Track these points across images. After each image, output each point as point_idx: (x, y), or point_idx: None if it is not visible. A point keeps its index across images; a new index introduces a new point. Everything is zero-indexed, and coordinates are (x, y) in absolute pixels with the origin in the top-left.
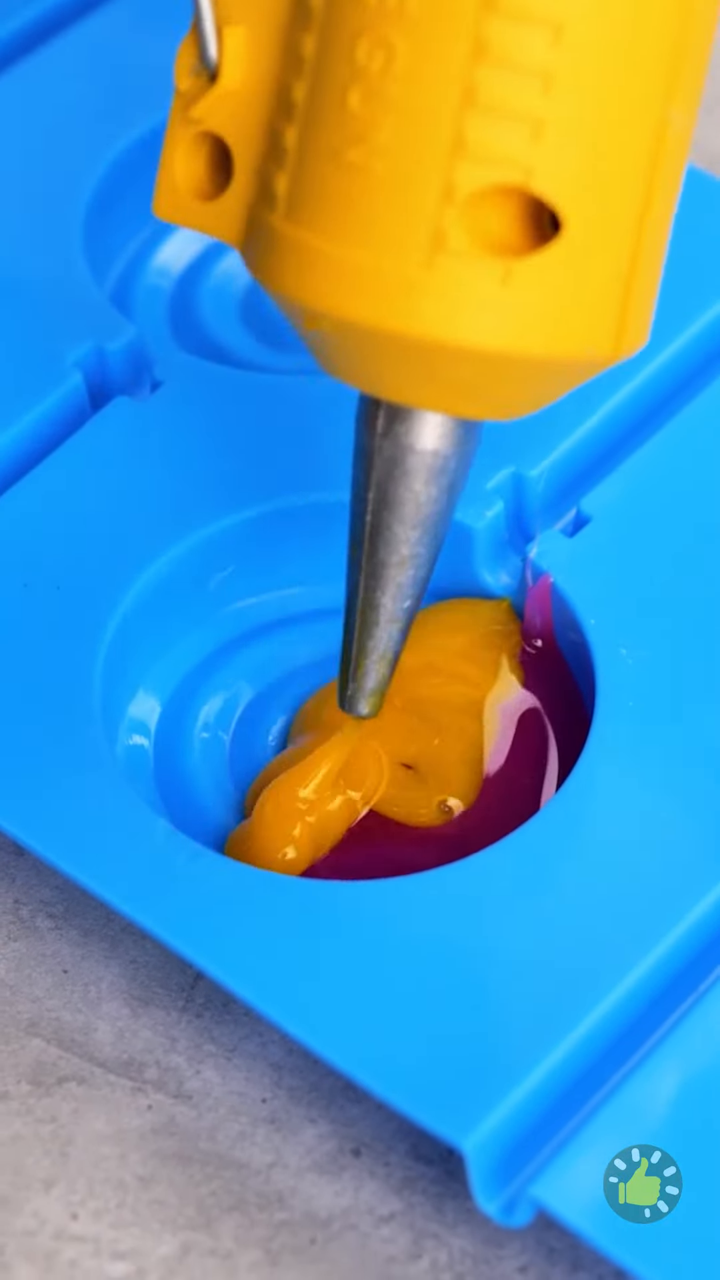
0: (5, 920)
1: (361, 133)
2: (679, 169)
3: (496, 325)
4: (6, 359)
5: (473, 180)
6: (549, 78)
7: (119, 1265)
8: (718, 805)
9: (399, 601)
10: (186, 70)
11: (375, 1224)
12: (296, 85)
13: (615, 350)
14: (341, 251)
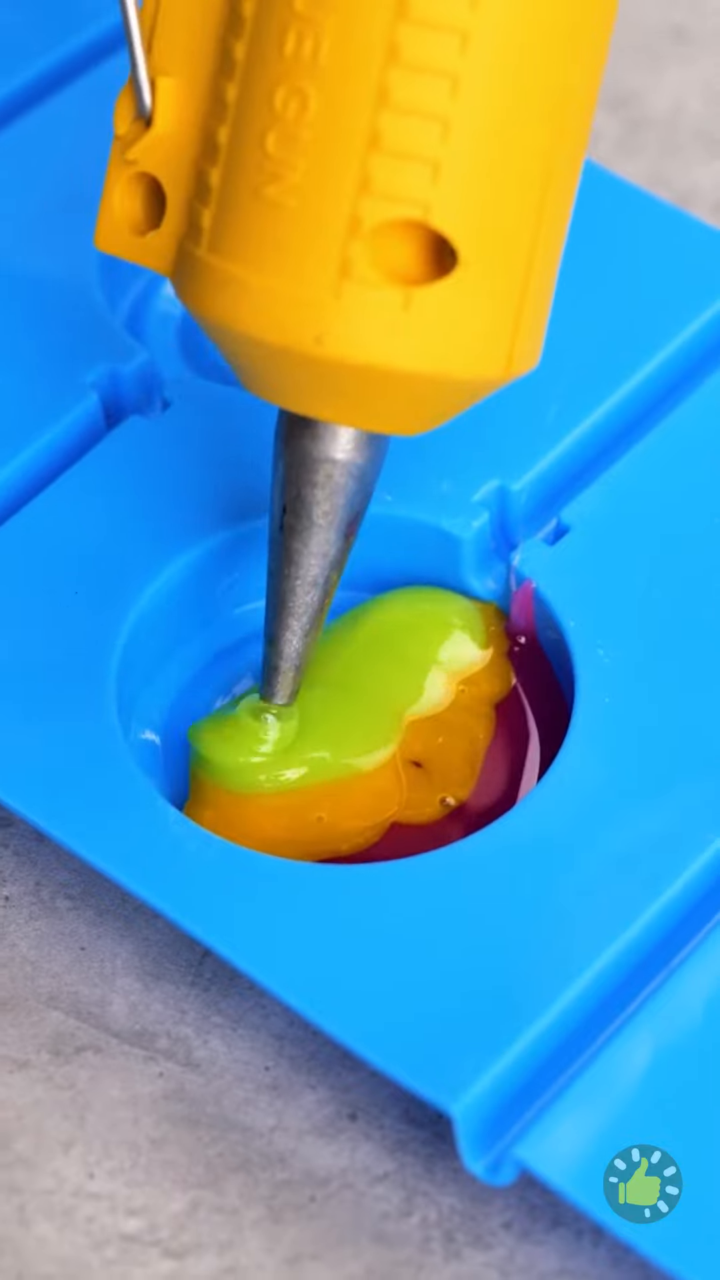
0: (27, 901)
1: (277, 172)
2: (566, 207)
3: (397, 347)
4: (29, 381)
5: (376, 215)
6: (446, 124)
7: (133, 1221)
8: (688, 794)
9: (309, 594)
10: (125, 117)
11: (370, 1183)
12: (220, 130)
13: (506, 371)
14: (258, 279)
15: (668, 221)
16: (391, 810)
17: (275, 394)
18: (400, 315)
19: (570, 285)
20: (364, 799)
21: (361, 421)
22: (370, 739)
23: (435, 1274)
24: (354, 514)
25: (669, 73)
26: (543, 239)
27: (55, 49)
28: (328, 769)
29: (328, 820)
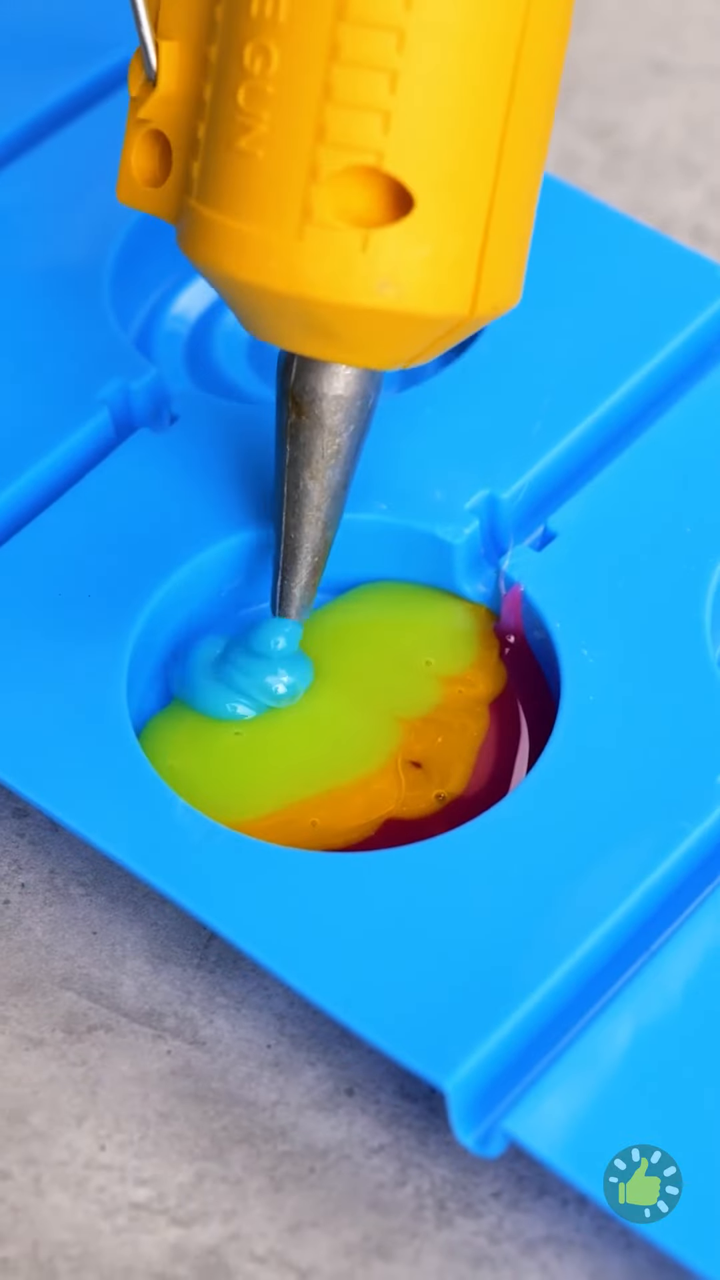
0: (42, 888)
1: (247, 124)
2: (532, 149)
3: (357, 285)
4: (46, 395)
5: (333, 162)
6: (395, 76)
7: (142, 1190)
8: (667, 786)
9: (315, 526)
10: (137, 80)
11: (366, 1155)
12: (206, 87)
13: (471, 310)
14: (235, 224)
15: (649, 245)
16: (388, 808)
17: (267, 333)
18: (358, 255)
19: (556, 304)
20: (362, 801)
21: (346, 357)
22: (371, 747)
23: (428, 1241)
24: (353, 446)
25: (649, 104)
26: (505, 181)
27: (67, 84)
28: (326, 779)
29: (321, 824)
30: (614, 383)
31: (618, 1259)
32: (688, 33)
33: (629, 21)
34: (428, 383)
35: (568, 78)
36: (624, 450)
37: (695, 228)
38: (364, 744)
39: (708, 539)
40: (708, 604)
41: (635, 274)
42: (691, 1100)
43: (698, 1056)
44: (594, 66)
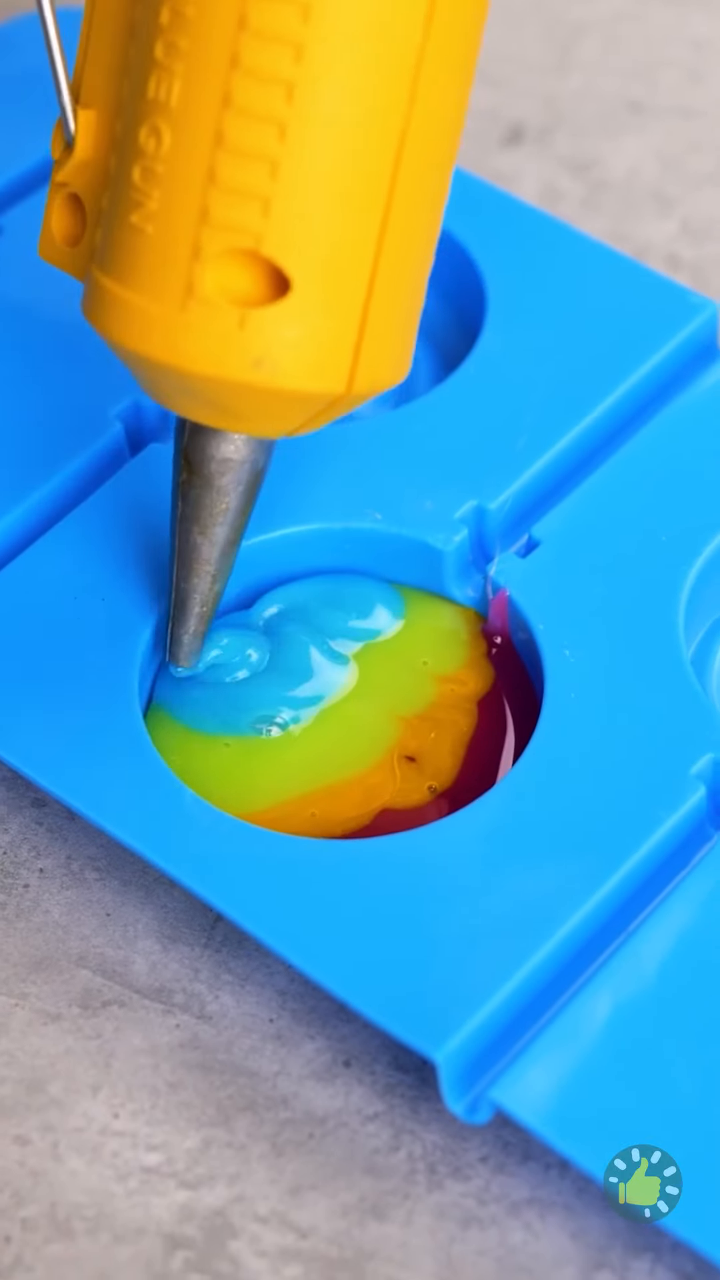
0: (59, 873)
1: (139, 200)
2: (418, 232)
3: (233, 360)
4: (63, 412)
5: (214, 243)
6: (276, 164)
7: (153, 1155)
8: (643, 776)
9: (203, 579)
10: (58, 144)
11: (362, 1122)
12: (111, 159)
13: (348, 388)
14: (126, 295)
15: (626, 272)
16: (384, 800)
17: (159, 398)
18: (235, 332)
19: (540, 327)
20: (359, 793)
21: (232, 425)
22: (372, 744)
23: (420, 1203)
24: (242, 505)
25: (626, 141)
26: (386, 264)
27: None
28: (327, 775)
29: (320, 815)
30: (594, 400)
31: (596, 1219)
32: (662, 75)
33: (607, 64)
34: (419, 401)
35: (551, 116)
36: (603, 463)
37: (669, 256)
38: (366, 741)
39: (681, 547)
40: (681, 607)
41: (613, 299)
42: (666, 1070)
43: (672, 1029)
44: (574, 106)
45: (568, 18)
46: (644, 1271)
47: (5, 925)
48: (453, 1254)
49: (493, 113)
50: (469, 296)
